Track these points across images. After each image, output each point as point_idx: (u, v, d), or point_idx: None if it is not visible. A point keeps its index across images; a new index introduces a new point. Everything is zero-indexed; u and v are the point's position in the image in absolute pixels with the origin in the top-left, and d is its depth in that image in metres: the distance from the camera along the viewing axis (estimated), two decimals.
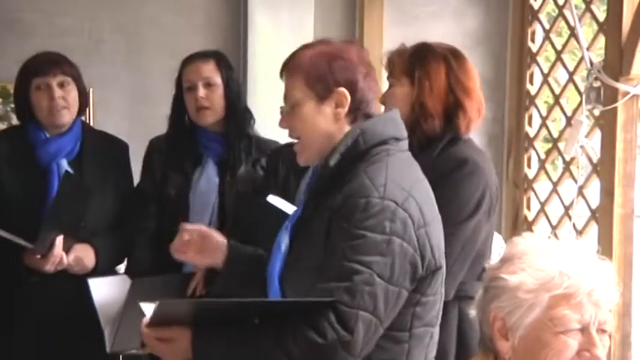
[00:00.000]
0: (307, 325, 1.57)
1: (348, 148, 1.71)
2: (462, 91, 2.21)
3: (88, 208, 2.56)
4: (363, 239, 1.60)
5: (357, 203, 1.62)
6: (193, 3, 4.04)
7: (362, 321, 1.58)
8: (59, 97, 2.57)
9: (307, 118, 1.75)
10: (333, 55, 1.75)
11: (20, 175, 2.61)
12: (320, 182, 1.77)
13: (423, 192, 1.73)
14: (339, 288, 1.58)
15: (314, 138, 1.76)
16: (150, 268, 2.65)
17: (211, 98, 2.68)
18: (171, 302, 1.65)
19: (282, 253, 1.77)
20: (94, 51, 3.87)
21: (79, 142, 2.68)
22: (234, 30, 4.06)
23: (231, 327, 1.62)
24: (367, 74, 1.77)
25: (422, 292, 1.69)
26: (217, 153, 2.74)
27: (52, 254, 2.45)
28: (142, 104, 3.91)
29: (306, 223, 1.75)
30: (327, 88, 1.73)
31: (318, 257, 1.66)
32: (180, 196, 2.69)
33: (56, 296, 2.56)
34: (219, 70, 2.71)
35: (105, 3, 3.90)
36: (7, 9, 3.78)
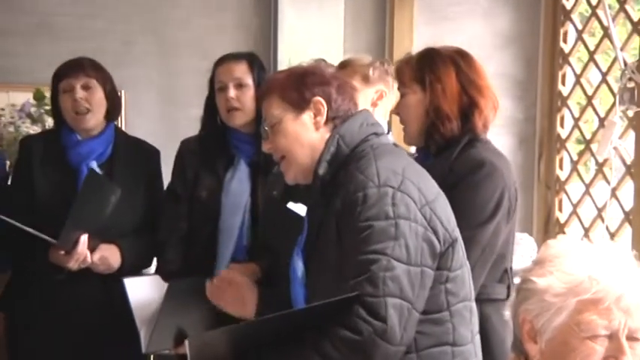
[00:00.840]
0: (340, 327, 1.57)
1: (332, 155, 1.74)
2: (475, 90, 2.19)
3: (115, 210, 2.57)
4: (371, 229, 1.61)
5: (355, 198, 1.64)
6: (224, 5, 4.06)
7: (392, 307, 1.57)
8: (81, 99, 2.60)
9: (289, 131, 1.78)
10: (303, 72, 1.83)
11: (51, 176, 2.64)
12: (315, 194, 1.78)
13: (417, 173, 1.75)
14: (360, 282, 1.58)
15: (298, 151, 1.78)
16: (180, 269, 2.67)
17: (242, 99, 2.69)
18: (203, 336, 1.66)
19: (299, 279, 1.78)
20: (126, 53, 3.90)
21: (111, 146, 2.70)
22: (265, 31, 4.07)
23: (271, 350, 1.63)
24: (340, 86, 1.82)
25: (447, 267, 1.69)
26: (249, 154, 2.74)
27: (76, 251, 2.47)
28: (172, 105, 3.93)
29: (315, 240, 1.76)
30: (302, 98, 1.77)
31: (335, 267, 1.67)
32: (211, 197, 2.70)
33: (81, 295, 2.59)
34: (251, 72, 2.72)
35: (136, 5, 3.94)
36: (40, 12, 3.83)
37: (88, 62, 2.66)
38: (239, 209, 2.67)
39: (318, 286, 1.72)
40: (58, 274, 2.52)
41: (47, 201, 2.60)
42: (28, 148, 2.67)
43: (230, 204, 2.68)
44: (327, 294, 1.65)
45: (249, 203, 2.68)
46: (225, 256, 2.64)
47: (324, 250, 1.71)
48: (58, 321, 2.58)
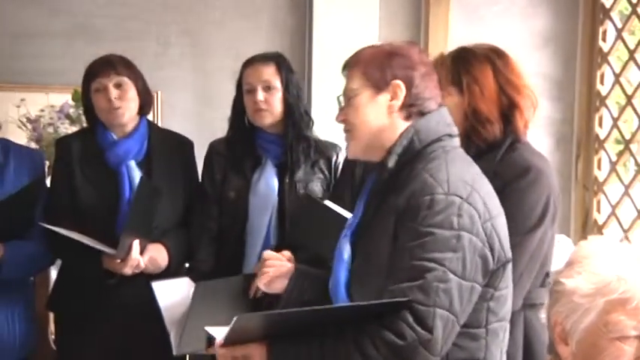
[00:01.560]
0: (385, 329, 1.55)
1: (404, 149, 1.71)
2: (513, 90, 2.14)
3: (159, 208, 2.59)
4: (432, 236, 1.58)
5: (421, 201, 1.61)
6: (259, 6, 4.07)
7: (440, 318, 1.55)
8: (115, 98, 2.61)
9: (361, 107, 1.75)
10: (392, 52, 1.77)
11: (91, 177, 2.65)
12: (379, 185, 1.75)
13: (485, 186, 1.71)
14: (412, 287, 1.56)
15: (364, 129, 1.75)
16: (211, 269, 2.68)
17: (270, 101, 2.70)
18: (247, 317, 1.62)
19: (345, 262, 1.76)
20: (162, 54, 3.94)
21: (146, 143, 2.72)
22: (300, 32, 4.08)
23: (308, 338, 1.61)
24: (426, 74, 1.76)
25: (495, 286, 1.67)
26: (276, 155, 2.75)
27: (130, 258, 2.49)
28: (207, 106, 3.96)
29: (368, 228, 1.73)
30: (383, 79, 1.73)
31: (384, 261, 1.65)
32: (239, 197, 2.71)
33: (128, 295, 2.60)
34: (279, 74, 2.72)
35: (172, 7, 3.97)
36: (78, 14, 3.88)
37: (118, 60, 2.67)
38: (267, 209, 2.68)
39: (363, 275, 1.71)
40: (110, 278, 2.55)
41: (89, 203, 2.62)
42: (67, 148, 2.68)
43: (258, 204, 2.69)
44: (372, 287, 1.65)
45: (276, 203, 2.68)
46: (253, 256, 2.65)
47: (376, 241, 1.68)
48: (106, 321, 2.61)
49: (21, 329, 2.60)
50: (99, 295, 2.59)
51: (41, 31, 3.81)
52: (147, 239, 2.56)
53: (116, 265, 2.50)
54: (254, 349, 1.63)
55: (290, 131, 2.73)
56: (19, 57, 3.76)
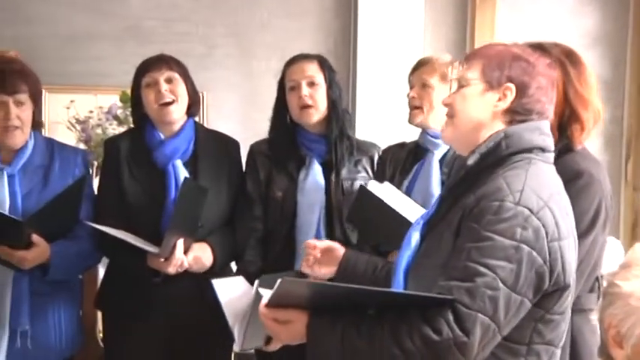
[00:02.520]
0: (424, 321, 1.55)
1: (488, 150, 1.69)
2: (579, 103, 2.06)
3: (204, 208, 2.60)
4: (491, 242, 1.56)
5: (489, 205, 1.59)
6: (304, 7, 4.09)
7: (480, 324, 1.54)
8: (166, 91, 2.63)
9: (469, 98, 1.74)
10: (518, 55, 1.75)
11: (139, 177, 2.67)
12: (455, 181, 1.74)
13: (562, 206, 1.66)
14: (459, 288, 1.55)
15: (466, 119, 1.74)
16: (260, 269, 2.69)
17: (315, 97, 2.71)
18: (292, 281, 1.63)
19: (411, 248, 1.76)
20: (208, 55, 3.98)
21: (193, 143, 2.74)
22: (345, 33, 4.09)
23: (348, 315, 1.62)
24: (543, 87, 1.73)
25: (547, 309, 1.64)
26: (320, 153, 2.76)
27: (174, 257, 2.50)
28: (252, 107, 3.98)
29: (439, 222, 1.73)
30: (499, 78, 1.72)
31: (444, 256, 1.64)
32: (286, 197, 2.72)
33: (175, 294, 2.62)
34: (322, 71, 2.74)
35: (219, 9, 4.01)
36: (128, 16, 3.94)
37: (169, 57, 2.70)
38: (315, 207, 2.68)
39: (422, 266, 1.71)
40: (155, 277, 2.57)
41: (136, 202, 2.64)
42: (115, 148, 2.70)
43: (306, 202, 2.69)
44: (427, 279, 1.64)
45: (323, 201, 2.69)
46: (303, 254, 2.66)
47: (440, 236, 1.68)
48: (152, 319, 2.63)
49: (67, 327, 2.63)
50: (145, 293, 2.61)
51: (91, 33, 3.88)
52: (192, 238, 2.58)
53: (160, 263, 2.51)
54: (295, 316, 1.65)
55: (334, 129, 2.74)
56: (70, 59, 3.84)
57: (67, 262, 2.54)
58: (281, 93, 2.78)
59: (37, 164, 2.56)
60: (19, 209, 2.48)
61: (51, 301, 2.58)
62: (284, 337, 1.70)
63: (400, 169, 2.66)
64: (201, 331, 2.62)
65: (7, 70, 2.51)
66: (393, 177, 2.65)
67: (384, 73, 3.97)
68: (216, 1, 4.01)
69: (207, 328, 2.56)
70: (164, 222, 2.58)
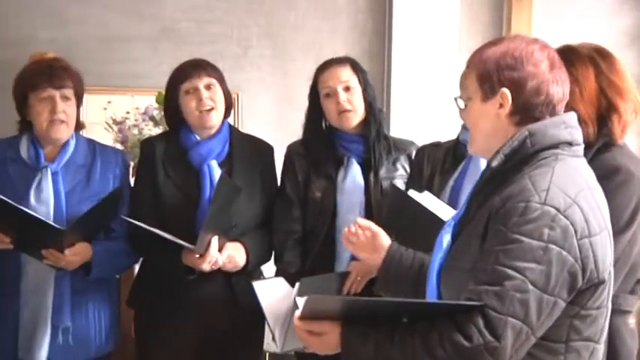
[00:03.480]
0: (454, 328, 1.53)
1: (512, 150, 1.66)
2: (615, 93, 2.07)
3: (236, 207, 2.63)
4: (519, 244, 1.53)
5: (515, 207, 1.56)
6: (339, 8, 4.09)
7: (511, 328, 1.52)
8: (207, 99, 2.66)
9: (473, 112, 1.74)
10: (505, 54, 1.70)
11: (174, 177, 2.70)
12: (481, 183, 1.73)
13: (593, 201, 1.63)
14: (488, 292, 1.53)
15: (478, 133, 1.74)
16: (299, 270, 2.70)
17: (352, 101, 2.71)
18: (319, 298, 1.66)
19: (442, 250, 1.74)
20: (242, 57, 4.00)
21: (228, 145, 2.76)
22: (379, 33, 4.08)
23: (380, 325, 1.62)
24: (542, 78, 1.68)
25: (582, 305, 1.61)
26: (358, 153, 2.76)
27: (209, 254, 2.52)
28: (287, 108, 3.99)
29: (468, 224, 1.71)
30: (491, 87, 1.69)
31: (472, 259, 1.63)
32: (326, 197, 2.72)
33: (207, 292, 2.65)
34: (355, 74, 2.74)
35: (253, 10, 4.02)
36: (163, 18, 3.97)
37: (206, 63, 2.73)
38: (355, 207, 2.69)
39: (452, 268, 1.70)
40: (190, 274, 2.59)
41: (171, 201, 2.67)
42: (151, 149, 2.74)
43: (346, 202, 2.70)
44: (456, 281, 1.64)
45: (363, 201, 2.69)
46: (343, 255, 2.66)
47: (468, 237, 1.67)
48: (186, 317, 2.66)
49: (106, 325, 2.68)
50: (177, 292, 2.64)
51: (128, 35, 3.92)
52: (225, 237, 2.60)
53: (195, 260, 2.54)
54: (328, 327, 1.66)
55: (372, 130, 2.74)
56: (107, 61, 3.88)
57: (107, 261, 2.60)
58: (314, 98, 2.78)
59: (79, 163, 2.63)
60: (63, 206, 2.54)
61: (91, 299, 2.64)
62: (319, 349, 1.71)
63: (440, 169, 2.64)
64: (232, 330, 2.63)
65: (54, 65, 2.61)
66: (432, 177, 2.63)
67: (419, 72, 3.96)
68: (250, 3, 4.02)
69: (238, 328, 2.57)
70: (198, 221, 2.60)
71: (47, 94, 2.54)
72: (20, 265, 2.53)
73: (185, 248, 2.51)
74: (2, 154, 2.60)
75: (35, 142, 2.61)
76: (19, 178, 2.56)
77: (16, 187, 2.52)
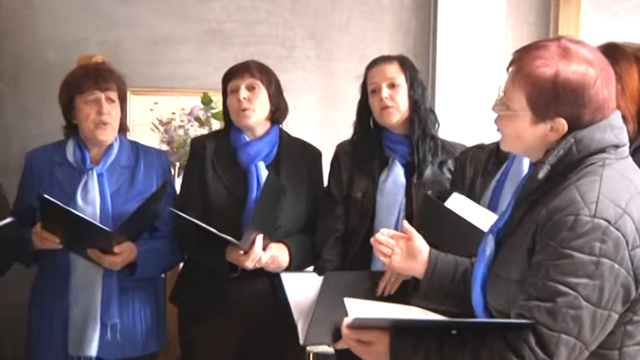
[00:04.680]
0: (506, 346, 1.51)
1: (559, 159, 1.61)
2: None
3: (282, 210, 2.65)
4: (570, 259, 1.50)
5: (564, 220, 1.52)
6: (383, 7, 4.07)
7: (564, 345, 1.49)
8: (244, 99, 2.69)
9: (515, 128, 1.66)
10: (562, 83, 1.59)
11: (223, 176, 2.73)
12: (525, 192, 1.69)
13: None
14: (540, 308, 1.50)
15: (514, 142, 1.69)
16: (337, 268, 2.70)
17: (395, 98, 2.71)
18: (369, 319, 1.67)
19: (486, 258, 1.72)
20: (287, 57, 4.01)
21: (276, 148, 2.78)
22: (424, 33, 4.05)
23: (430, 337, 1.61)
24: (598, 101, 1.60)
25: (635, 311, 1.57)
26: (403, 155, 2.75)
27: (253, 252, 2.54)
28: (331, 108, 4.00)
29: (511, 232, 1.69)
30: (546, 114, 1.61)
31: (520, 270, 1.60)
32: (366, 197, 2.72)
33: (250, 290, 2.67)
34: (402, 72, 2.73)
35: (298, 11, 4.03)
36: (209, 20, 4.00)
37: (254, 64, 2.76)
38: (394, 209, 2.67)
39: (497, 277, 1.67)
40: (233, 271, 2.61)
41: (219, 200, 2.70)
42: (201, 147, 2.78)
43: (385, 204, 2.69)
44: (503, 291, 1.62)
45: (404, 203, 2.68)
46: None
47: (514, 247, 1.64)
48: (228, 314, 2.68)
49: (152, 323, 2.73)
50: (220, 290, 2.67)
51: (174, 37, 3.97)
52: (270, 237, 2.61)
53: (239, 257, 2.56)
54: (377, 337, 1.66)
55: (416, 129, 2.73)
56: (153, 63, 3.93)
57: (152, 260, 2.65)
58: (363, 96, 2.79)
59: (123, 164, 2.68)
60: (109, 206, 2.60)
61: (137, 298, 2.69)
62: (367, 357, 1.71)
63: (482, 171, 2.62)
64: (274, 329, 2.64)
65: (100, 69, 2.69)
66: (475, 179, 2.61)
67: (465, 72, 3.92)
68: (295, 4, 4.04)
69: (281, 327, 2.59)
70: (245, 221, 2.62)
71: (93, 97, 2.60)
72: (69, 262, 2.60)
73: (230, 244, 2.53)
74: (49, 157, 2.68)
75: (81, 145, 2.67)
76: (66, 180, 2.62)
77: (64, 189, 2.59)
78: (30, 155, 2.73)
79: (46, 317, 2.64)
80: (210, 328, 2.70)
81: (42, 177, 2.64)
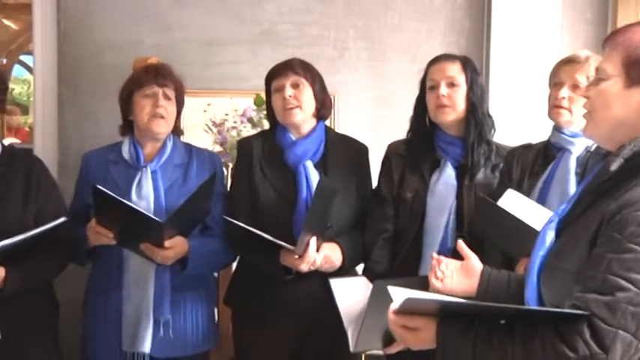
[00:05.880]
0: (558, 337, 1.49)
1: (633, 153, 1.59)
2: None
3: (333, 209, 2.64)
4: (634, 254, 1.48)
5: (634, 215, 1.50)
6: (436, 8, 4.04)
7: (620, 341, 1.46)
8: (290, 97, 2.70)
9: (608, 94, 1.63)
10: None
11: (271, 177, 2.74)
12: (595, 183, 1.66)
13: None
14: (598, 301, 1.47)
15: (606, 117, 1.64)
16: (387, 269, 2.69)
17: (452, 98, 2.68)
18: (418, 299, 1.64)
19: (545, 247, 1.69)
20: (339, 58, 4.01)
21: (323, 145, 2.78)
22: (477, 34, 4.01)
23: (479, 327, 1.59)
24: None
25: None
26: (455, 156, 2.72)
27: (308, 255, 2.55)
28: (383, 109, 3.98)
29: (573, 222, 1.66)
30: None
31: (579, 262, 1.57)
32: (416, 198, 2.70)
33: (303, 291, 2.68)
34: (464, 72, 2.70)
35: (350, 12, 4.03)
36: (262, 21, 4.03)
37: (297, 62, 2.76)
38: (444, 210, 2.65)
39: (554, 267, 1.64)
40: (288, 274, 2.62)
41: (268, 201, 2.71)
42: (249, 148, 2.79)
43: (435, 205, 2.67)
44: (559, 281, 1.59)
45: (454, 205, 2.65)
46: (429, 257, 2.63)
47: (575, 237, 1.61)
48: (282, 316, 2.70)
49: (203, 322, 2.75)
50: (273, 292, 2.68)
51: (227, 39, 4.00)
52: (322, 238, 2.62)
53: (294, 261, 2.56)
54: (424, 323, 1.65)
55: (472, 132, 2.70)
56: (207, 64, 3.97)
57: (203, 257, 2.67)
58: (422, 91, 2.77)
59: (176, 163, 2.73)
60: (162, 202, 2.64)
61: (189, 297, 2.72)
62: (413, 344, 1.70)
63: (529, 172, 2.58)
64: (328, 330, 2.65)
65: (159, 67, 2.77)
66: (522, 179, 2.58)
67: (519, 73, 3.87)
68: (347, 5, 4.03)
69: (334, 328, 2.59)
70: (296, 222, 2.63)
71: (151, 91, 2.67)
72: (122, 259, 2.64)
73: (283, 248, 2.54)
74: (105, 157, 2.74)
75: (136, 142, 2.73)
76: (121, 177, 2.68)
77: (119, 186, 2.64)
78: (87, 156, 2.79)
79: (101, 314, 2.69)
80: (264, 330, 2.72)
81: (97, 176, 2.69)
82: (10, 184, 2.51)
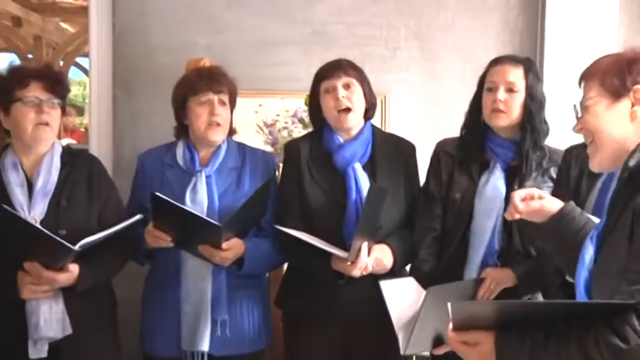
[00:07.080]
0: (609, 330, 1.50)
1: None
2: None
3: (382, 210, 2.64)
4: None
5: None
6: (489, 7, 3.99)
7: None
8: (344, 98, 2.68)
9: (599, 114, 1.71)
10: (631, 58, 1.71)
11: (320, 180, 2.74)
12: (619, 186, 1.69)
13: None
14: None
15: (606, 139, 1.71)
16: (432, 270, 2.67)
17: (509, 103, 2.64)
18: (465, 304, 1.67)
19: (585, 263, 1.72)
20: (391, 58, 3.99)
21: (370, 146, 2.77)
22: (531, 33, 3.95)
23: (535, 331, 1.61)
24: None
25: None
26: (505, 159, 2.68)
27: (360, 260, 2.55)
28: (435, 108, 3.95)
29: (611, 230, 1.67)
30: (623, 86, 1.68)
31: (622, 262, 1.59)
32: (464, 199, 2.67)
33: (355, 294, 2.67)
34: (525, 78, 2.65)
35: (402, 12, 4.01)
36: (313, 22, 4.03)
37: (346, 63, 2.76)
38: (492, 213, 2.62)
39: (601, 277, 1.66)
40: (340, 279, 2.62)
41: (318, 205, 2.71)
42: (296, 151, 2.80)
43: (483, 207, 2.64)
44: (607, 289, 1.60)
45: (502, 208, 2.61)
46: (475, 259, 2.61)
47: (616, 242, 1.63)
48: (333, 318, 2.70)
49: (259, 322, 2.78)
50: (325, 293, 2.68)
51: (279, 40, 4.02)
52: (372, 240, 2.60)
53: (346, 267, 2.56)
54: (483, 337, 1.66)
55: (527, 139, 2.65)
56: (258, 65, 3.99)
57: (258, 257, 2.69)
58: (479, 90, 2.74)
59: (230, 166, 2.74)
60: (216, 207, 2.66)
61: (244, 296, 2.74)
62: (475, 358, 1.71)
63: (588, 171, 2.54)
64: (379, 332, 2.64)
65: (214, 72, 2.76)
66: (580, 178, 2.53)
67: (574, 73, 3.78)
68: (399, 4, 4.01)
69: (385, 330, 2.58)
70: (346, 225, 2.63)
71: (207, 98, 2.68)
72: (180, 259, 2.67)
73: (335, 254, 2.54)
74: (160, 159, 2.77)
75: (191, 146, 2.74)
76: (176, 181, 2.70)
77: (174, 190, 2.67)
78: (142, 157, 2.82)
79: (158, 313, 2.73)
80: (315, 332, 2.73)
81: (153, 178, 2.73)
82: (76, 185, 2.56)
